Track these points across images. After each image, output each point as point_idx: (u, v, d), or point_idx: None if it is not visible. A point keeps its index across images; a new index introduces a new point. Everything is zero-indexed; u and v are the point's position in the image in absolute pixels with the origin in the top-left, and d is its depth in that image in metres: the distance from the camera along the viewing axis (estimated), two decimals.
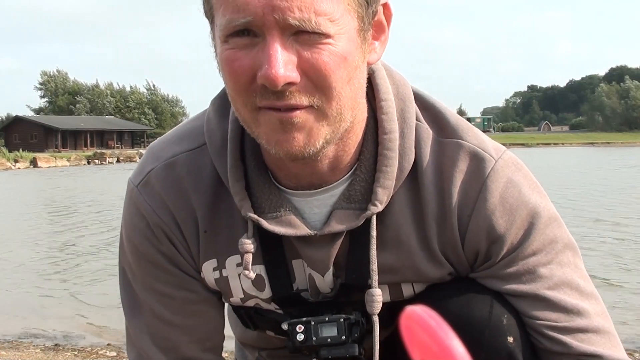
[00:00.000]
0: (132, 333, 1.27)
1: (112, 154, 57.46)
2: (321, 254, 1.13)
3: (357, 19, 0.96)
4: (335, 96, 0.96)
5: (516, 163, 1.15)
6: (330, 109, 0.97)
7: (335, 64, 0.94)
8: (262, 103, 0.96)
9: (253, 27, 0.92)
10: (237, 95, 0.98)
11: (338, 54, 0.94)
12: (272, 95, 0.94)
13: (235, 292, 1.21)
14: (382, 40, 1.05)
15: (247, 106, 0.98)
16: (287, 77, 0.92)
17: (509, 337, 1.12)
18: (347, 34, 0.95)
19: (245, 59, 0.94)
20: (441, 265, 1.15)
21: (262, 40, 0.93)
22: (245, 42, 0.94)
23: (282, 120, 0.96)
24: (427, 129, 1.14)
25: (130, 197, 1.21)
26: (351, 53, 0.96)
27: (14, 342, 4.59)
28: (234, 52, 0.95)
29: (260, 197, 1.12)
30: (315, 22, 0.91)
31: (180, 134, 1.23)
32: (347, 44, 0.95)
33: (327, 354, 1.16)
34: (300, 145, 0.98)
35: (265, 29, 0.92)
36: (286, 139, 0.97)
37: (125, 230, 1.24)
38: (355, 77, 0.99)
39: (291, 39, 0.93)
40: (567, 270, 1.14)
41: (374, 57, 1.04)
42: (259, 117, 0.98)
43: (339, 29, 0.93)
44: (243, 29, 0.93)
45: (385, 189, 1.09)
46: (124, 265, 1.27)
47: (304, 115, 0.96)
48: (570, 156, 43.12)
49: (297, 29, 0.92)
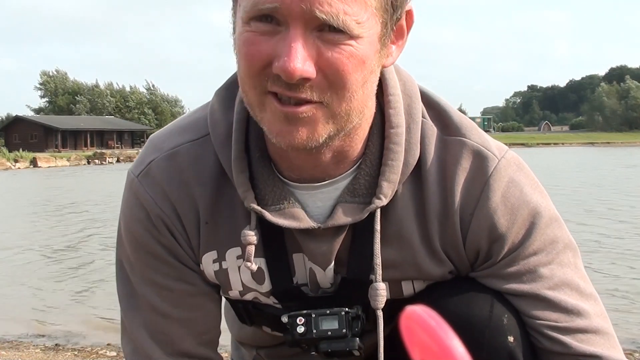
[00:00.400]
0: (127, 326, 1.26)
1: (112, 153, 57.46)
2: (323, 247, 1.13)
3: (381, 25, 0.96)
4: (348, 98, 0.97)
5: (518, 163, 1.15)
6: (340, 109, 0.98)
7: (354, 66, 0.94)
8: (273, 88, 0.96)
9: (278, 14, 0.92)
10: (248, 77, 0.98)
11: (358, 57, 0.94)
12: (284, 84, 0.94)
13: (235, 285, 1.21)
14: (399, 45, 1.05)
15: (257, 89, 0.98)
16: (304, 72, 0.92)
17: (510, 337, 1.12)
18: (370, 38, 0.95)
19: (264, 45, 0.94)
20: (442, 263, 1.15)
21: (285, 30, 0.92)
22: (267, 29, 0.93)
23: (287, 115, 0.96)
24: (431, 126, 1.14)
25: (130, 188, 1.20)
26: (370, 57, 0.96)
27: (14, 342, 4.58)
28: (253, 35, 0.94)
29: (264, 189, 1.12)
30: (342, 20, 0.91)
31: (183, 125, 1.22)
32: (367, 48, 0.95)
33: (327, 347, 1.16)
34: (302, 139, 0.98)
35: (291, 19, 0.91)
36: (289, 130, 0.98)
37: (124, 221, 1.23)
38: (370, 80, 0.99)
39: (314, 34, 0.93)
40: (567, 271, 1.14)
41: (389, 61, 1.04)
42: (266, 102, 0.98)
43: (362, 32, 0.93)
44: (267, 15, 0.92)
45: (390, 183, 1.10)
46: (121, 258, 1.25)
47: (311, 111, 0.96)
48: (570, 156, 43.11)
49: (322, 23, 0.91)
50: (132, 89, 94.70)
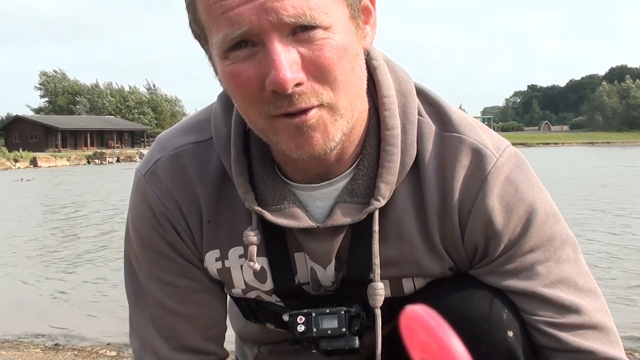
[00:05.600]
0: (135, 321, 1.29)
1: (112, 153, 57.52)
2: (324, 246, 1.14)
3: (347, 7, 0.98)
4: (342, 88, 0.98)
5: (517, 159, 1.15)
6: (340, 102, 0.99)
7: (337, 56, 0.95)
8: (276, 111, 0.97)
9: (250, 36, 0.93)
10: (249, 107, 0.99)
11: (338, 46, 0.95)
12: (284, 100, 0.95)
13: (237, 283, 1.23)
14: (371, 24, 1.06)
15: (262, 115, 0.99)
16: (294, 79, 0.93)
17: (509, 332, 1.12)
18: (342, 24, 0.96)
19: (250, 70, 0.95)
20: (442, 260, 1.16)
21: (262, 48, 0.94)
22: (246, 54, 0.95)
23: (297, 125, 0.97)
24: (429, 123, 1.14)
25: (137, 186, 1.23)
26: (349, 42, 0.97)
27: (14, 342, 4.58)
28: (236, 66, 0.96)
29: (264, 190, 1.14)
30: (310, 16, 0.92)
31: (189, 126, 1.24)
32: (344, 34, 0.96)
33: (327, 345, 1.17)
34: (320, 144, 0.99)
35: (263, 35, 0.92)
36: (305, 141, 0.99)
37: (132, 218, 1.26)
38: (357, 64, 1.01)
39: (290, 39, 0.93)
40: (565, 267, 1.14)
41: (367, 41, 1.05)
42: (276, 125, 0.99)
43: (333, 20, 0.94)
44: (240, 41, 0.94)
45: (387, 185, 1.10)
46: (129, 254, 1.28)
47: (317, 114, 0.97)
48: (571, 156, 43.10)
49: (293, 26, 0.92)
50: (132, 88, 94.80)
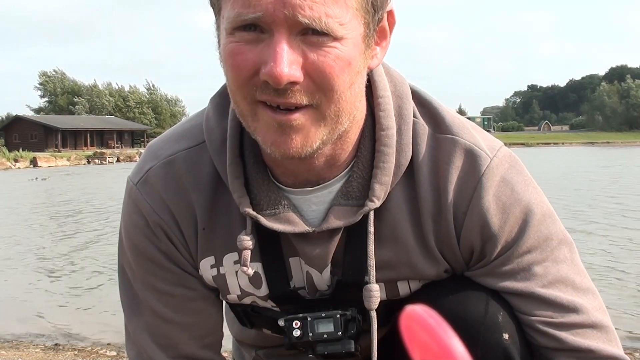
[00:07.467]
0: (131, 331, 1.28)
1: (112, 153, 57.39)
2: (319, 250, 1.14)
3: (364, 25, 0.97)
4: (336, 99, 0.97)
5: (511, 160, 1.15)
6: (329, 110, 0.98)
7: (340, 68, 0.95)
8: (262, 97, 0.96)
9: (262, 23, 0.93)
10: (237, 88, 0.99)
11: (344, 58, 0.95)
12: (272, 91, 0.95)
13: (232, 289, 1.22)
14: (383, 46, 1.06)
15: (247, 99, 0.98)
16: (290, 76, 0.92)
17: (505, 334, 1.12)
18: (354, 39, 0.96)
19: (250, 54, 0.95)
20: (437, 262, 1.15)
21: (269, 37, 0.93)
22: (252, 37, 0.94)
23: (280, 122, 0.97)
24: (423, 125, 1.14)
25: (130, 196, 1.22)
26: (355, 58, 0.97)
27: (14, 342, 4.58)
28: (238, 45, 0.95)
29: (259, 194, 1.13)
30: (325, 22, 0.92)
31: (180, 133, 1.23)
32: (352, 49, 0.96)
33: (324, 349, 1.16)
34: (297, 147, 0.99)
35: (274, 26, 0.92)
36: (283, 140, 0.98)
37: (125, 228, 1.24)
38: (357, 81, 1.00)
39: (298, 38, 0.93)
40: (562, 267, 1.14)
41: (374, 62, 1.05)
42: (258, 111, 0.99)
43: (346, 33, 0.94)
44: (251, 24, 0.93)
45: (382, 185, 1.10)
46: (123, 264, 1.27)
47: (302, 117, 0.97)
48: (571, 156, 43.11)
49: (305, 27, 0.92)
50: (132, 88, 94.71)
